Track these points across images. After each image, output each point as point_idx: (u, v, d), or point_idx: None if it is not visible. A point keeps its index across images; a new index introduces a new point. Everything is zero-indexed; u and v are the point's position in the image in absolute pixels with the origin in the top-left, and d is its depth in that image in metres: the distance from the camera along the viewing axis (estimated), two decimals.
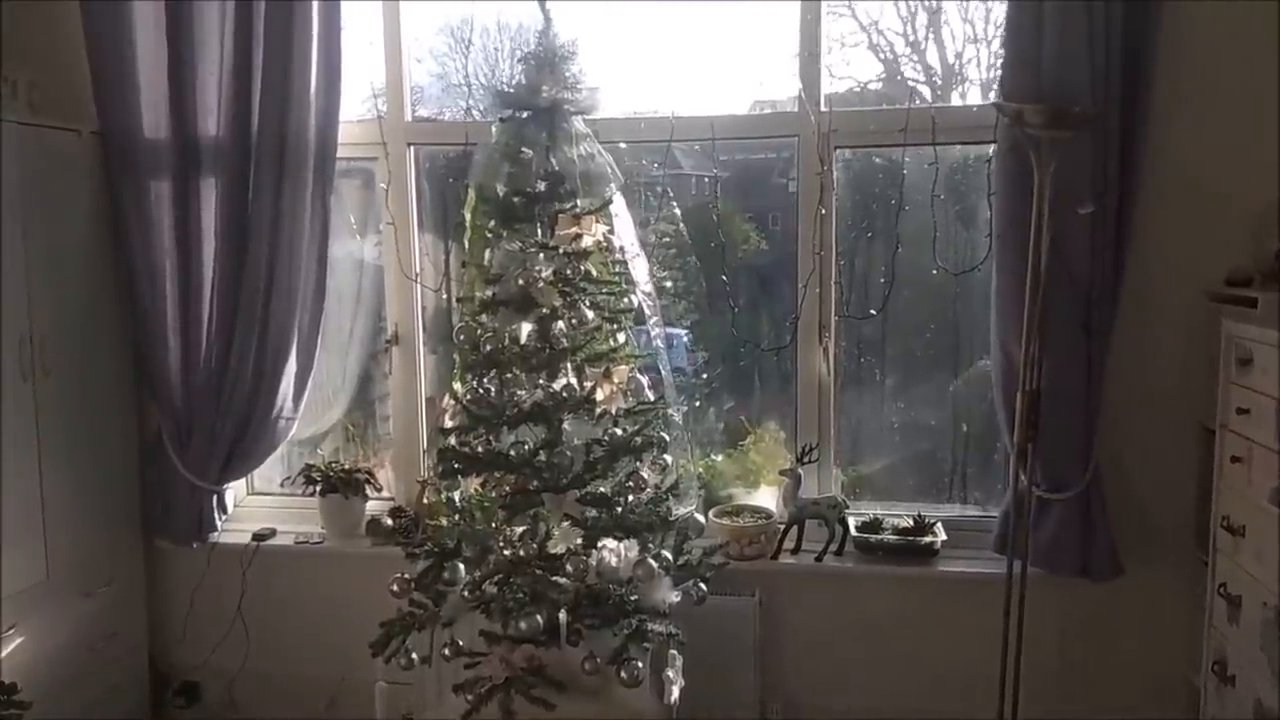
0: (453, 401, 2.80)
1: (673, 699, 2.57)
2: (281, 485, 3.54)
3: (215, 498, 3.35)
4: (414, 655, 2.68)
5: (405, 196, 3.34)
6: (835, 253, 3.17)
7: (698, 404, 3.58)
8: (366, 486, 3.39)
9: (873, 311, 3.21)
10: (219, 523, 3.37)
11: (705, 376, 3.62)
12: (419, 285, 3.38)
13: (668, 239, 3.57)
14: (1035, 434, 2.80)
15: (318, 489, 3.36)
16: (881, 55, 3.43)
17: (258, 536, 3.43)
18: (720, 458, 3.54)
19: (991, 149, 2.94)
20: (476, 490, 2.76)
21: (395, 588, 2.65)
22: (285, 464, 3.67)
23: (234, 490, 3.56)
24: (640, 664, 2.50)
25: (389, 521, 3.36)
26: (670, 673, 2.57)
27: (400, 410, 3.47)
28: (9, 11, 3.27)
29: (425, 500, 3.31)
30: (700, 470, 3.44)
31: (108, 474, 3.31)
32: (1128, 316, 2.85)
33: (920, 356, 3.33)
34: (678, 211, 3.45)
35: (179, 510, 3.34)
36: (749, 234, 3.51)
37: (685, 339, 3.53)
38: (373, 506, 3.47)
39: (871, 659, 3.19)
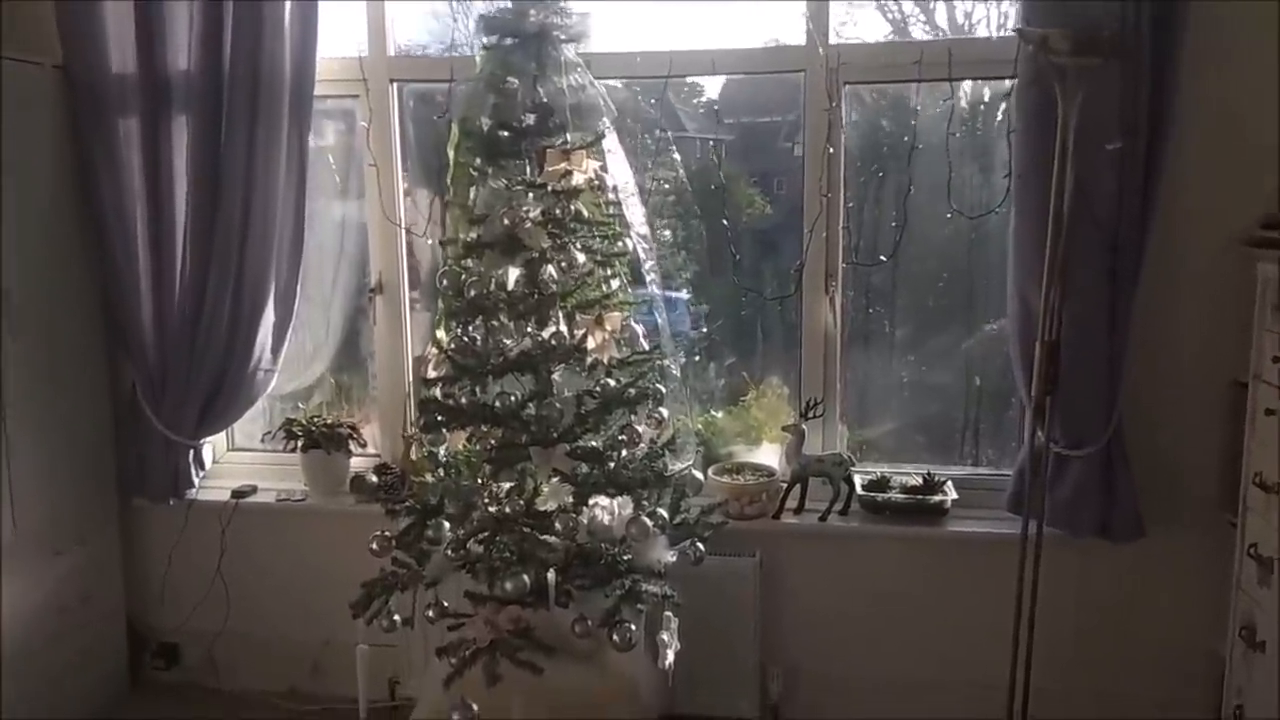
0: (436, 351, 2.64)
1: (668, 663, 2.43)
2: (262, 440, 3.39)
3: (192, 453, 3.21)
4: (396, 617, 2.54)
5: (388, 136, 3.16)
6: (844, 195, 2.99)
7: (697, 359, 3.42)
8: (350, 442, 3.24)
9: (882, 258, 3.04)
10: (196, 480, 3.23)
11: (705, 330, 3.46)
12: (403, 231, 3.21)
13: (667, 185, 3.40)
14: (1054, 387, 2.65)
15: (299, 444, 3.21)
16: (889, 15, 3.25)
17: (237, 494, 3.29)
18: (720, 414, 3.38)
19: (1011, 84, 2.74)
20: (464, 445, 2.60)
21: (375, 546, 2.51)
22: (267, 419, 3.52)
23: (213, 446, 3.42)
24: (634, 626, 2.36)
25: (374, 478, 3.20)
26: (665, 636, 2.43)
27: (385, 362, 3.32)
28: None
29: (411, 456, 3.16)
30: (700, 427, 3.28)
31: (78, 428, 3.15)
32: (1155, 263, 2.66)
33: (932, 307, 3.16)
34: (677, 157, 3.28)
35: (154, 467, 3.20)
36: (753, 198, 3.35)
37: (685, 298, 3.37)
38: (357, 463, 3.33)
39: (877, 623, 3.05)
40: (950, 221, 2.98)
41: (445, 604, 2.54)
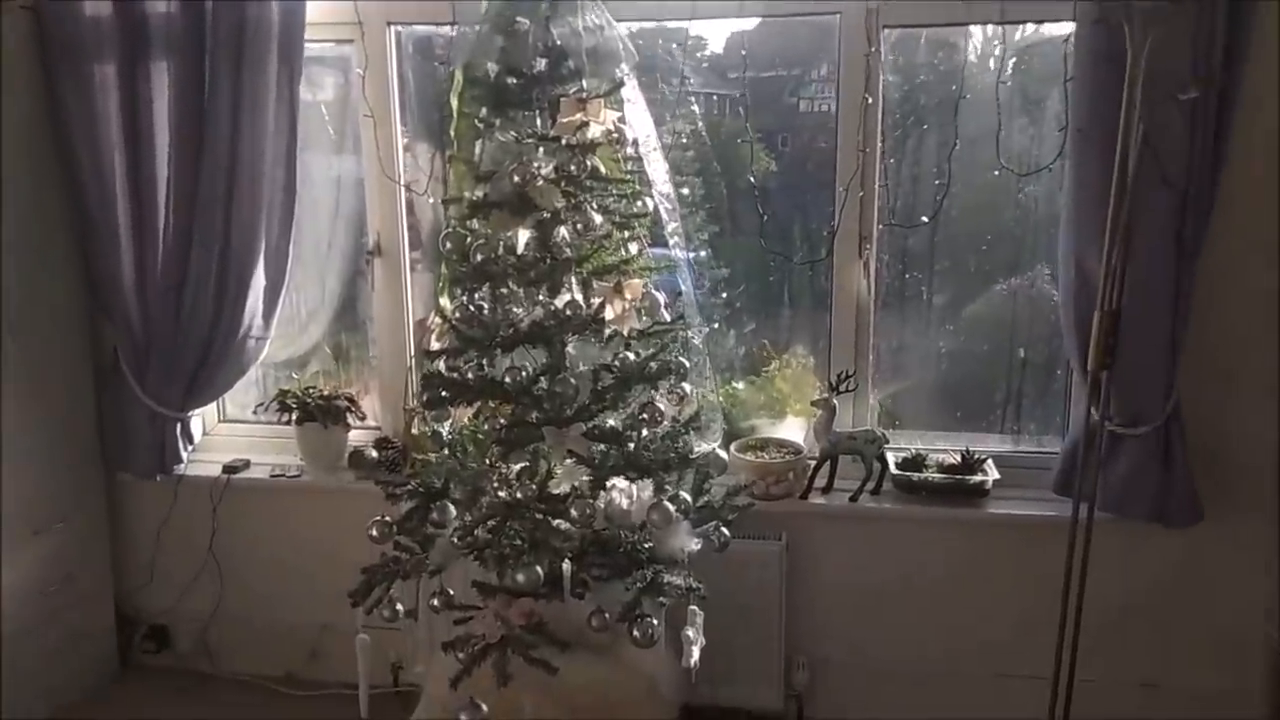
0: (439, 320, 2.42)
1: (693, 661, 2.24)
2: (254, 412, 3.18)
3: (179, 426, 3.01)
4: (399, 606, 2.36)
5: (385, 85, 2.91)
6: (880, 150, 2.75)
7: (716, 325, 3.20)
8: (348, 415, 3.03)
9: (923, 219, 2.81)
10: (184, 454, 3.04)
11: (725, 295, 3.24)
12: (402, 188, 2.98)
13: (685, 140, 3.16)
14: (1112, 360, 2.43)
15: (293, 417, 3.00)
16: None
17: (229, 469, 3.09)
18: (742, 385, 3.17)
19: (1068, 27, 2.49)
20: (470, 421, 2.39)
21: (375, 532, 2.31)
22: (261, 388, 3.32)
23: (202, 418, 3.22)
24: (655, 621, 2.17)
25: (374, 453, 3.02)
26: (690, 632, 2.24)
27: (385, 330, 3.10)
28: None
29: (413, 431, 2.96)
30: (720, 399, 3.08)
31: (57, 396, 2.95)
32: (1221, 225, 2.44)
33: (974, 272, 2.92)
34: (696, 109, 3.03)
35: (139, 440, 3.00)
36: (759, 155, 3.08)
37: (701, 258, 3.14)
38: (357, 437, 3.13)
39: (910, 611, 2.86)
40: (997, 179, 2.74)
41: (451, 593, 2.35)
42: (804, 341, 3.09)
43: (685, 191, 3.14)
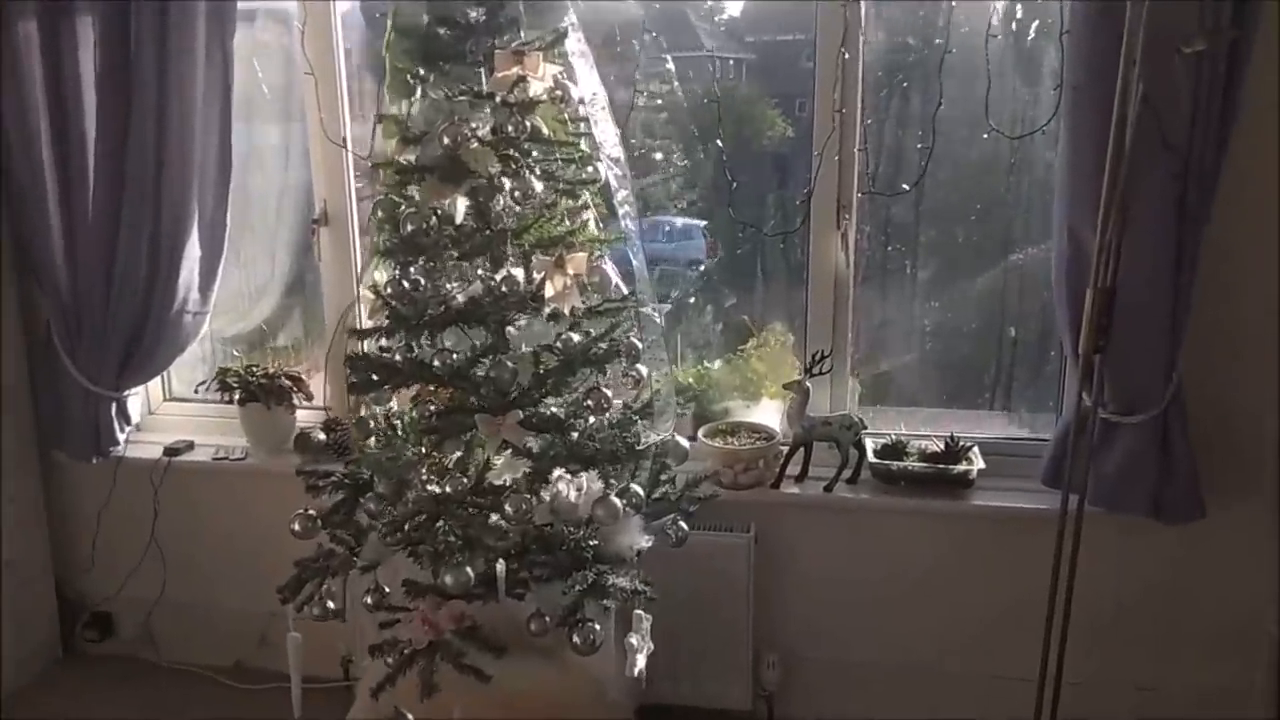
0: (372, 295, 2.22)
1: (637, 670, 2.06)
2: (196, 391, 3.01)
3: (115, 406, 2.84)
4: (330, 604, 2.19)
5: (328, 40, 2.70)
6: (860, 111, 2.53)
7: (692, 300, 3.01)
8: (294, 395, 2.86)
9: (905, 187, 2.59)
10: (120, 436, 2.87)
11: (702, 268, 3.05)
12: (349, 152, 2.78)
13: (659, 101, 2.95)
14: (1106, 341, 2.22)
15: (235, 397, 2.83)
16: None
17: (170, 450, 2.93)
18: (719, 363, 2.97)
19: None
20: (409, 407, 2.21)
21: (297, 527, 2.14)
22: (211, 365, 3.14)
23: (146, 395, 3.06)
24: (598, 627, 1.99)
25: (322, 436, 2.84)
26: (634, 639, 2.06)
27: (333, 304, 2.91)
28: None
29: (362, 412, 2.78)
30: (691, 380, 2.89)
31: None
32: (1229, 193, 2.21)
33: (962, 244, 2.71)
34: (670, 67, 2.82)
35: (73, 419, 2.84)
36: (775, 119, 2.90)
37: (703, 228, 2.98)
38: (307, 417, 2.95)
39: (888, 608, 2.67)
40: (986, 142, 2.52)
41: (387, 590, 2.18)
42: (784, 317, 2.89)
43: (659, 156, 2.96)
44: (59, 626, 3.06)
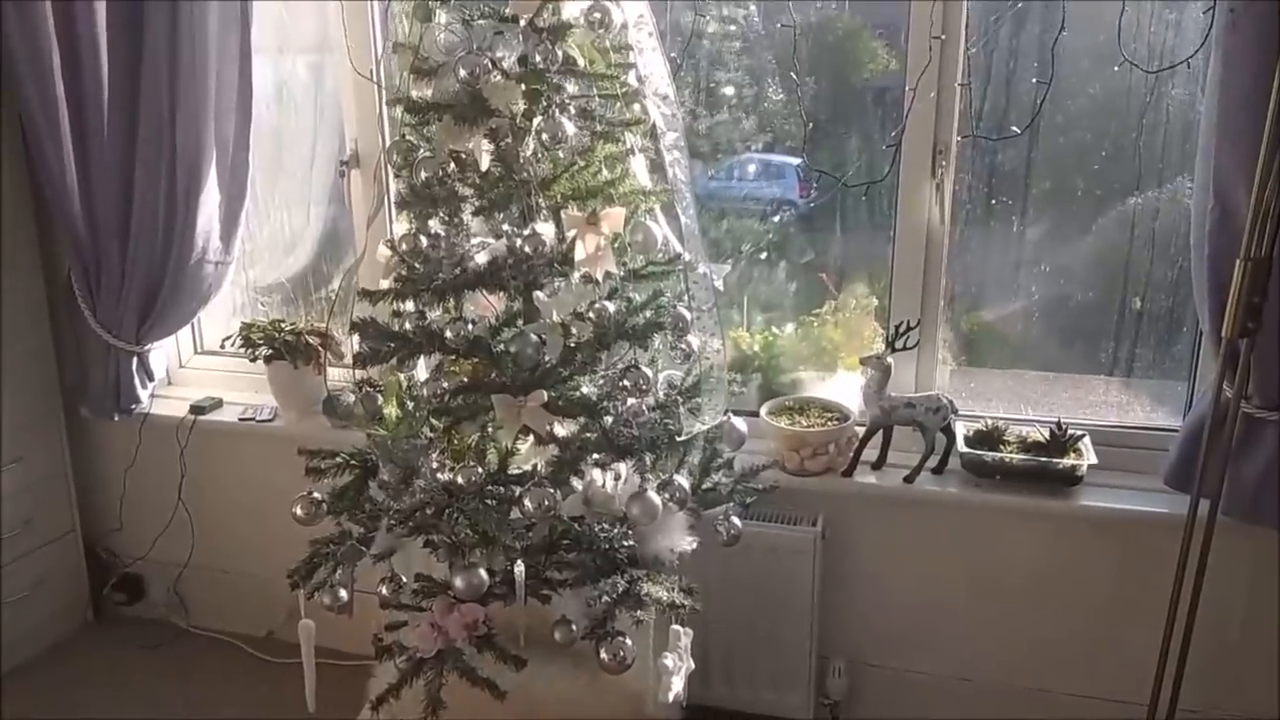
0: (389, 252, 1.96)
1: (671, 695, 1.79)
2: (222, 346, 2.80)
3: (136, 361, 2.66)
4: (341, 593, 1.96)
5: None
6: (964, 38, 2.14)
7: (764, 256, 2.67)
8: (322, 353, 2.63)
9: (1015, 130, 2.19)
10: (142, 394, 2.69)
11: (777, 219, 2.70)
12: (381, 89, 2.50)
13: (733, 27, 2.60)
14: (1257, 323, 1.84)
15: (260, 354, 2.62)
16: None
17: (196, 409, 2.74)
18: (792, 328, 2.64)
19: None
20: (421, 382, 1.95)
21: (299, 511, 1.91)
22: (248, 318, 2.93)
23: (172, 351, 2.88)
24: (629, 642, 1.72)
25: (350, 397, 2.60)
26: (669, 660, 1.78)
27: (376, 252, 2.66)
28: None
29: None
30: (758, 348, 2.56)
31: (8, 320, 2.62)
32: None
33: (1081, 198, 2.29)
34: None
35: (95, 375, 2.67)
36: (876, 51, 2.49)
37: (797, 167, 2.61)
38: (340, 376, 2.73)
39: (974, 616, 2.34)
40: (1117, 77, 2.11)
41: (404, 580, 1.95)
42: (866, 278, 2.54)
43: (729, 91, 2.61)
44: (88, 587, 2.94)
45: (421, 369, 1.99)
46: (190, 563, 2.86)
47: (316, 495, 1.92)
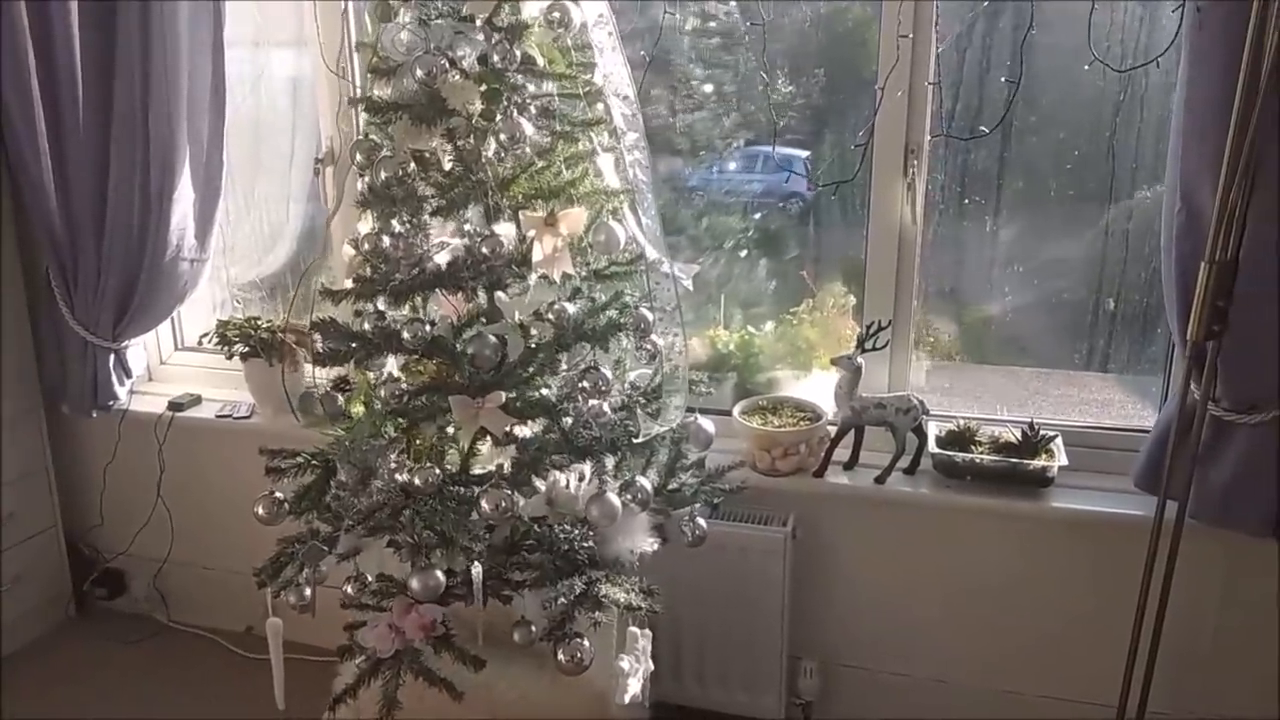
0: (352, 251, 1.96)
1: (627, 697, 1.79)
2: (199, 343, 2.81)
3: (113, 358, 2.67)
4: (306, 592, 1.97)
5: None
6: (934, 35, 2.12)
7: (744, 254, 2.66)
8: (297, 351, 2.63)
9: (983, 130, 2.17)
10: (119, 391, 2.70)
11: (756, 218, 2.69)
12: (355, 85, 2.50)
13: (713, 24, 2.59)
14: (1223, 325, 1.83)
15: (236, 351, 2.62)
16: None
17: (174, 405, 2.75)
18: (769, 326, 2.63)
19: None
20: (381, 382, 1.95)
21: (261, 512, 1.91)
22: (227, 315, 2.94)
23: (152, 347, 2.89)
24: (586, 643, 1.72)
25: (325, 396, 2.61)
26: (625, 662, 1.78)
27: (341, 250, 2.66)
28: None
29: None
30: (733, 348, 2.56)
31: None
32: None
33: (1054, 198, 2.28)
34: None
35: (73, 371, 2.68)
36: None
37: (804, 161, 2.58)
38: (319, 374, 2.73)
39: (946, 616, 2.33)
40: (1088, 76, 2.09)
41: (369, 580, 1.95)
42: (842, 276, 2.53)
43: (709, 89, 2.60)
44: (70, 583, 2.95)
45: (394, 369, 1.99)
46: (170, 558, 2.87)
47: (279, 495, 1.92)
